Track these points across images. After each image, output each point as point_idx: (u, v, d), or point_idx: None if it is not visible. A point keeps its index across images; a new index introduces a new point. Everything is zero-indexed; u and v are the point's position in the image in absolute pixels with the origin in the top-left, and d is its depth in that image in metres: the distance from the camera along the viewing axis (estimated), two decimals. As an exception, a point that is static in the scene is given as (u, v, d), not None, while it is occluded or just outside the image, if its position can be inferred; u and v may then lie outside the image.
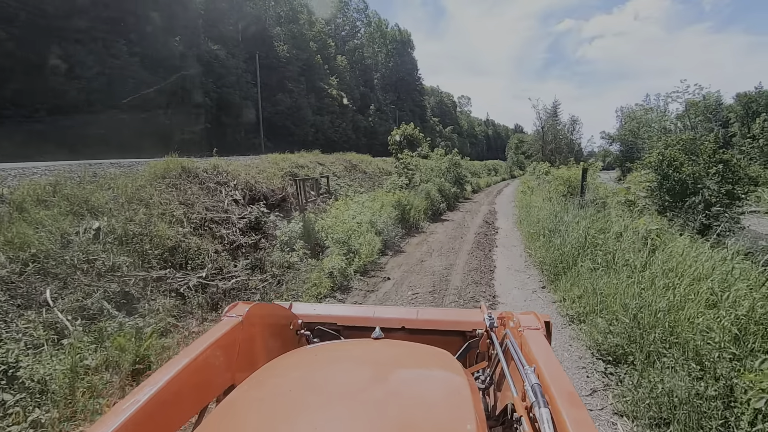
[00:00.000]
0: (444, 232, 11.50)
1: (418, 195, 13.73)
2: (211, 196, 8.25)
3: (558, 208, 8.95)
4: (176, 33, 27.38)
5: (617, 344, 3.91)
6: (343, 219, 8.57)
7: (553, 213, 8.73)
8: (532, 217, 10.15)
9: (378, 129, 58.49)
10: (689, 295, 3.58)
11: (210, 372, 1.34)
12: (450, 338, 1.85)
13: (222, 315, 1.55)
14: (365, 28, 78.64)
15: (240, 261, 6.55)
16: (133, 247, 5.33)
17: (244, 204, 8.94)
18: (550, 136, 59.39)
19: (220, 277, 5.78)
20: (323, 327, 1.89)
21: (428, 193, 14.60)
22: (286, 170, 12.62)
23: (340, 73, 58.33)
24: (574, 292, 5.06)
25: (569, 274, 5.58)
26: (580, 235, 6.13)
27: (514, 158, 70.53)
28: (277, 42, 45.37)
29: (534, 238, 8.55)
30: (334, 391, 1.09)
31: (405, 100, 77.75)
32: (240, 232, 7.44)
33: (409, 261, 8.04)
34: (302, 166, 13.83)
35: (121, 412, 0.99)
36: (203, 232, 6.87)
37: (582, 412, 0.95)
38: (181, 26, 27.77)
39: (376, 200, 10.99)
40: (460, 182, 22.96)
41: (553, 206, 9.39)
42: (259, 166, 11.79)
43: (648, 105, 51.86)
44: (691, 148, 11.14)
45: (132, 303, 4.30)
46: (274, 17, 48.76)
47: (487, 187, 36.68)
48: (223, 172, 9.70)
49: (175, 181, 7.97)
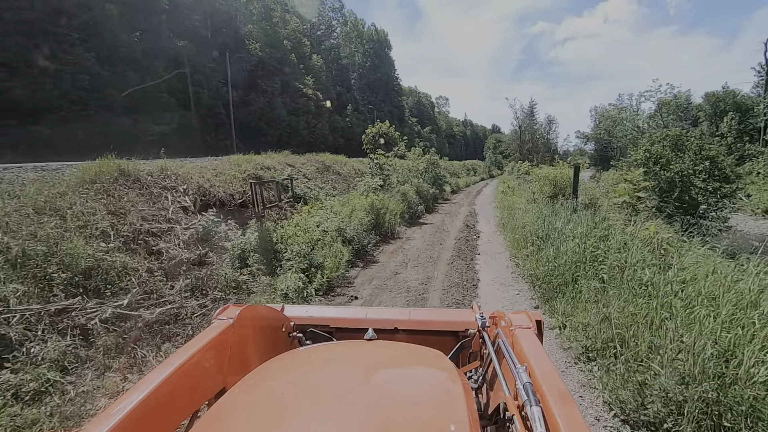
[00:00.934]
0: (422, 237, 10.65)
1: (393, 197, 12.86)
2: (152, 203, 7.15)
3: (546, 211, 8.19)
4: (136, 28, 25.69)
5: (656, 414, 2.79)
6: (307, 227, 7.61)
7: (540, 217, 7.94)
8: (517, 220, 9.36)
9: (356, 129, 57.45)
10: (736, 331, 2.73)
11: (201, 375, 1.32)
12: (443, 338, 1.85)
13: (213, 318, 1.53)
14: (341, 27, 77.60)
15: (180, 281, 5.52)
16: (31, 272, 4.25)
17: (195, 212, 7.87)
18: (528, 136, 59.89)
19: (148, 303, 4.74)
20: (315, 329, 1.88)
21: (405, 194, 13.75)
22: (249, 172, 11.54)
23: (315, 73, 57.06)
24: (578, 318, 4.16)
25: (568, 293, 4.73)
26: (577, 246, 5.33)
27: (493, 158, 70.82)
28: (249, 40, 43.81)
29: (520, 245, 7.75)
30: (327, 394, 1.08)
31: (383, 100, 76.97)
32: (184, 245, 6.39)
33: (381, 274, 7.13)
34: (269, 167, 12.76)
35: (111, 416, 0.98)
36: (136, 247, 5.80)
37: (573, 410, 0.94)
38: (142, 20, 26.08)
39: (347, 204, 10.05)
40: (439, 183, 22.26)
41: (540, 209, 8.64)
42: (217, 168, 10.69)
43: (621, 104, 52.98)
44: (678, 144, 10.67)
45: (5, 350, 3.24)
46: (246, 15, 47.14)
47: (466, 187, 36.24)
48: (172, 176, 8.59)
49: (109, 186, 6.85)
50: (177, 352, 1.30)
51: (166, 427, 1.14)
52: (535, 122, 61.89)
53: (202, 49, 33.47)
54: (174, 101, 28.22)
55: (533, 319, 1.51)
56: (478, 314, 1.66)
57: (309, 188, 13.18)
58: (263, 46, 45.57)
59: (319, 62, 60.32)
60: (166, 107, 27.24)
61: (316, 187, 14.19)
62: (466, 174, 47.40)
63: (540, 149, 57.25)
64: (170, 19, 30.82)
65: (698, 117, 48.79)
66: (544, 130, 62.87)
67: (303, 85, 51.50)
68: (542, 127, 62.66)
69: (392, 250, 9.15)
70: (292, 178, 10.71)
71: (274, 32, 49.80)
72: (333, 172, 17.92)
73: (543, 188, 10.41)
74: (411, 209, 14.05)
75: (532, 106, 62.53)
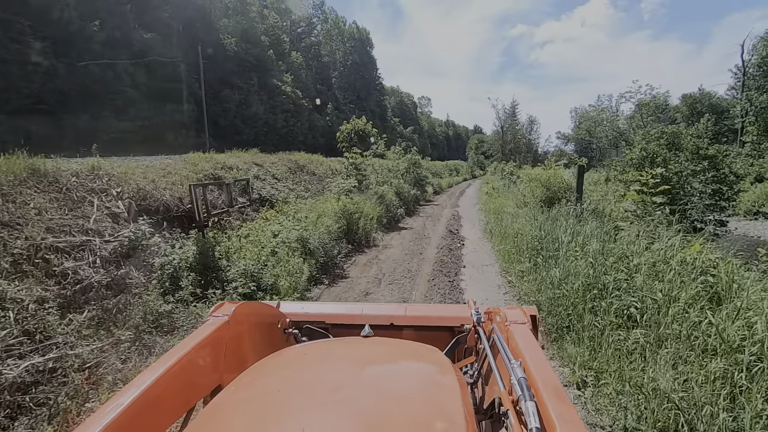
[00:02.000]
0: (400, 245, 9.57)
1: (370, 200, 11.76)
2: (68, 209, 5.88)
3: (541, 218, 7.19)
4: (95, 16, 23.81)
5: None
6: (261, 238, 6.44)
7: (535, 225, 6.94)
8: (506, 227, 8.35)
9: (336, 129, 55.77)
10: None
11: (196, 373, 1.31)
12: (438, 334, 1.84)
13: (208, 315, 1.51)
14: (322, 24, 76.14)
15: (85, 312, 4.31)
16: None
17: (130, 219, 6.61)
18: (510, 136, 59.96)
19: (24, 350, 3.52)
20: (312, 326, 1.87)
21: (383, 197, 12.66)
22: (206, 173, 10.28)
23: (295, 71, 55.51)
24: (604, 374, 3.00)
25: (583, 333, 3.57)
26: (589, 266, 4.24)
27: (475, 158, 70.60)
28: (224, 35, 42.07)
29: (512, 258, 6.71)
30: (323, 391, 1.08)
31: (365, 99, 75.82)
32: (102, 263, 5.15)
33: (349, 294, 5.99)
34: (231, 167, 11.50)
35: (105, 415, 0.97)
36: (30, 269, 4.55)
37: (567, 405, 0.94)
38: (102, 9, 24.20)
39: (314, 209, 8.90)
40: (421, 184, 21.29)
41: (534, 215, 7.61)
42: (168, 167, 9.39)
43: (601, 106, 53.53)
44: (675, 143, 9.91)
45: None
46: (221, 8, 45.33)
47: (449, 187, 35.44)
48: (105, 176, 7.31)
49: (10, 190, 5.56)
50: (172, 350, 1.27)
51: (161, 425, 1.12)
52: (517, 122, 61.95)
53: (172, 42, 31.68)
54: (139, 96, 26.43)
55: (528, 315, 1.49)
56: (473, 310, 1.65)
57: (277, 190, 11.97)
58: (239, 41, 43.86)
59: (299, 59, 58.75)
60: (130, 102, 25.47)
61: (285, 188, 12.99)
62: (448, 174, 46.70)
63: (522, 149, 57.25)
64: (136, 9, 28.93)
65: (675, 118, 49.48)
66: (526, 130, 63.02)
67: (281, 83, 49.88)
68: (524, 128, 62.82)
69: (366, 261, 8.05)
70: (248, 180, 9.47)
71: (251, 27, 48.09)
72: (307, 172, 16.72)
73: (534, 191, 9.40)
74: (390, 212, 12.98)
75: (514, 107, 62.60)
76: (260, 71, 46.01)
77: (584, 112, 57.93)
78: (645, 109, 45.45)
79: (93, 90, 23.64)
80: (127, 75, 25.26)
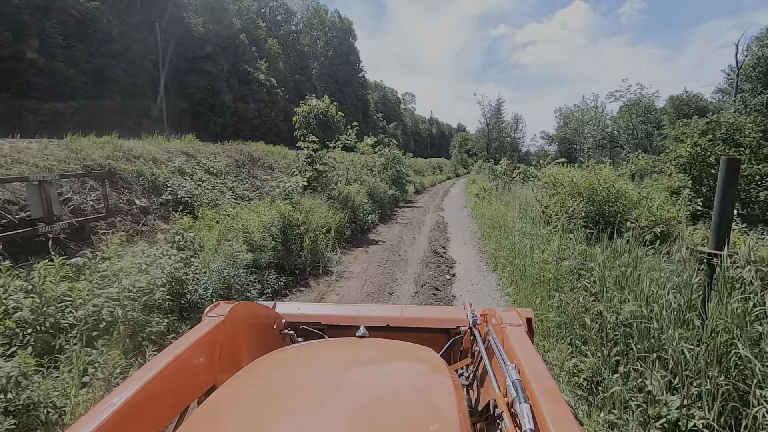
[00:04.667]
0: (362, 274, 6.76)
1: (330, 204, 8.91)
2: None
3: (601, 257, 3.93)
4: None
5: None
6: (115, 273, 3.52)
7: (598, 276, 3.67)
8: (522, 255, 5.43)
9: (314, 121, 52.82)
10: None
11: (190, 372, 1.29)
12: (434, 335, 1.83)
13: (203, 315, 1.48)
14: (302, 12, 72.43)
15: None
16: None
17: None
18: (495, 134, 58.07)
19: None
20: (307, 326, 1.84)
21: (348, 199, 9.81)
22: (93, 162, 7.24)
23: (271, 59, 51.89)
24: None
25: None
26: None
27: (459, 156, 68.44)
28: (189, 13, 38.33)
29: (557, 337, 3.74)
30: (317, 391, 1.06)
31: (346, 92, 72.46)
32: None
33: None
34: (139, 156, 8.45)
35: (98, 414, 0.94)
36: None
37: (562, 407, 0.94)
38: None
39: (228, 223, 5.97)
40: (401, 182, 18.57)
41: (579, 249, 4.51)
42: (21, 154, 6.36)
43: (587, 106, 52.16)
44: (733, 138, 7.42)
45: None
46: (188, -16, 41.39)
47: (432, 186, 32.86)
48: None
49: None
50: (166, 350, 1.24)
51: (155, 425, 1.11)
52: (503, 121, 60.05)
53: (122, 16, 27.92)
54: (77, 75, 22.77)
55: (523, 317, 1.49)
56: (469, 312, 1.64)
57: (206, 189, 8.96)
58: (207, 21, 40.12)
59: (275, 46, 55.11)
60: (64, 82, 21.83)
61: (223, 186, 10.00)
62: (431, 172, 44.19)
63: (507, 148, 55.34)
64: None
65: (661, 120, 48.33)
66: (511, 129, 61.17)
67: (254, 69, 46.25)
68: (509, 126, 60.99)
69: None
70: (105, 177, 6.37)
71: (221, 8, 44.32)
72: (261, 166, 13.71)
73: (565, 202, 6.15)
74: (358, 219, 10.18)
75: (500, 104, 60.68)
76: (230, 56, 42.34)
77: (569, 111, 56.51)
78: (634, 110, 44.04)
79: (17, 63, 19.95)
80: (60, 49, 21.58)
